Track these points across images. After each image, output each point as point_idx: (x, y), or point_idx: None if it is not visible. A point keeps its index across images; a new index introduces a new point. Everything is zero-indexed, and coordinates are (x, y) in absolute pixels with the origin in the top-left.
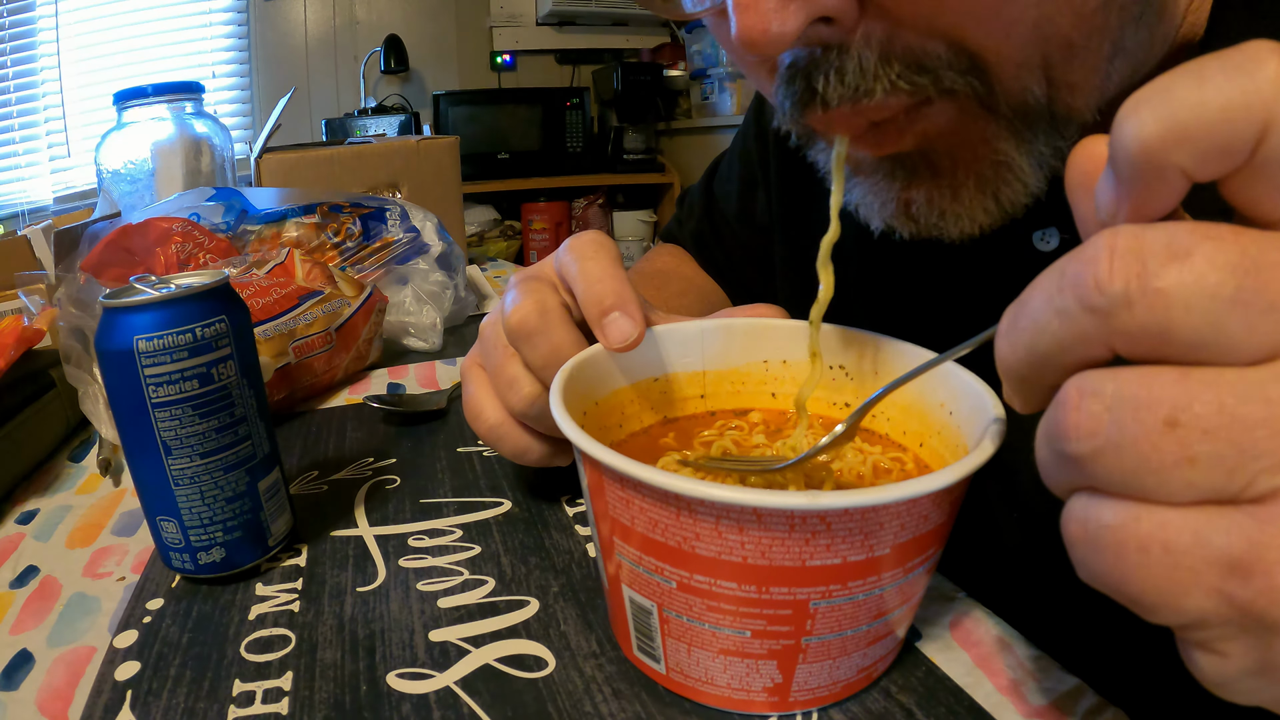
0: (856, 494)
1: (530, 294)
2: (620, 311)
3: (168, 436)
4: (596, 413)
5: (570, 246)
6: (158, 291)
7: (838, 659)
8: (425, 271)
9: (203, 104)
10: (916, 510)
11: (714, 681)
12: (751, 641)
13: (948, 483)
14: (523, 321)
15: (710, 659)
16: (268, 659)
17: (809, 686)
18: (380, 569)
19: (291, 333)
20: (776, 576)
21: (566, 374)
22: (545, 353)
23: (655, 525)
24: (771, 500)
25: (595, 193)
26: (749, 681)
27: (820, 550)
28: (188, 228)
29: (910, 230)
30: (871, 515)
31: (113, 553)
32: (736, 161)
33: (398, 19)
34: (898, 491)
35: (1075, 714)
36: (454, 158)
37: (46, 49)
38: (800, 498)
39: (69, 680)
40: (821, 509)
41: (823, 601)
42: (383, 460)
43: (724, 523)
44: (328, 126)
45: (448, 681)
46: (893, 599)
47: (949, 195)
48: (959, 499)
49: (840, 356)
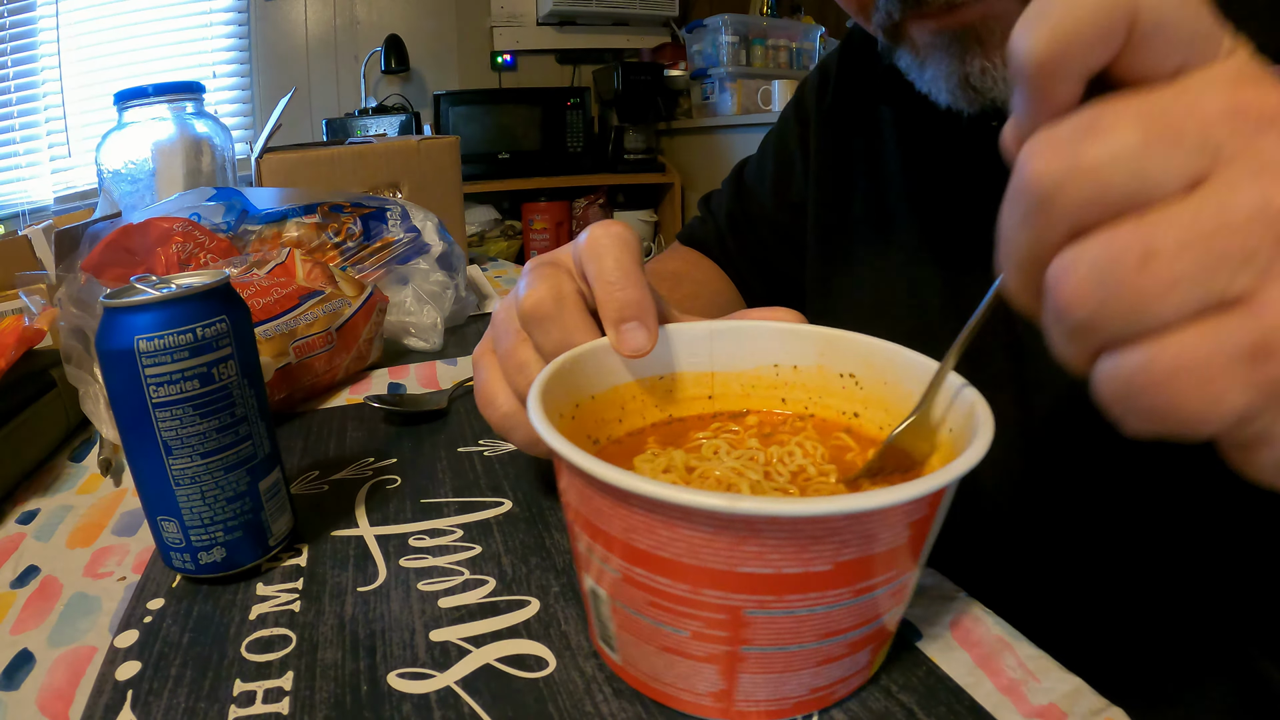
0: (780, 502)
1: (546, 279)
2: (638, 321)
3: (168, 436)
4: (593, 406)
5: (591, 239)
6: (158, 291)
7: (783, 674)
8: (426, 271)
9: (203, 104)
10: (858, 528)
11: (660, 678)
12: (690, 642)
13: (885, 504)
14: (537, 305)
15: (655, 655)
16: (268, 659)
17: (755, 698)
18: (381, 569)
19: (292, 333)
20: (707, 579)
21: (559, 365)
22: (558, 339)
23: (599, 514)
24: (691, 498)
25: (596, 192)
26: (693, 683)
27: (750, 557)
28: (188, 228)
29: (972, 102)
30: (803, 526)
31: (113, 552)
32: (770, 153)
33: (398, 19)
34: (827, 505)
35: (1076, 714)
36: (454, 157)
37: (47, 49)
38: (718, 499)
39: (70, 680)
40: (741, 513)
41: (759, 612)
42: (383, 460)
43: (655, 516)
44: (328, 126)
45: (448, 681)
46: (844, 620)
47: (998, 62)
48: (925, 522)
49: (850, 365)
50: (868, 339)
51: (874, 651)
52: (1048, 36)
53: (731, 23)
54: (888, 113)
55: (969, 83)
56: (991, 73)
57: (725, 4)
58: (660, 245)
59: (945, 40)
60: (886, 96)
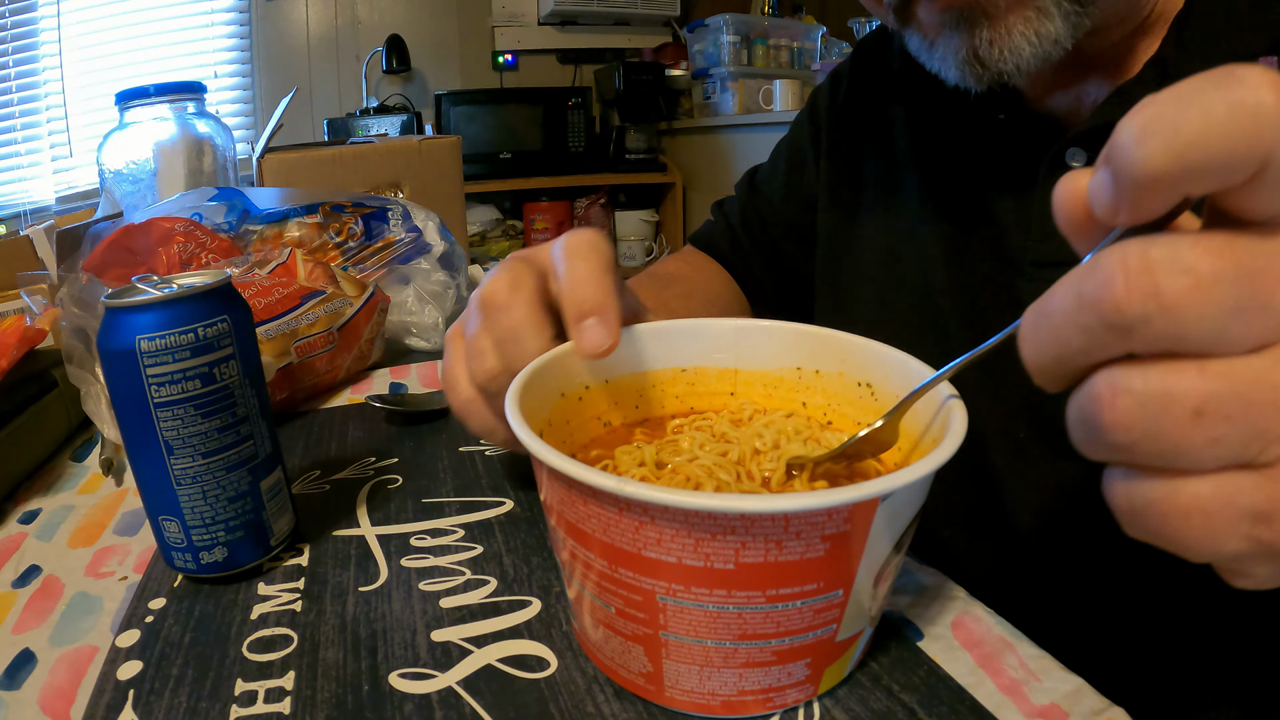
0: (663, 491)
1: (509, 270)
2: (598, 318)
3: (170, 436)
4: (607, 389)
5: (564, 242)
6: (160, 291)
7: (705, 668)
8: (427, 271)
9: (205, 104)
10: (756, 529)
11: (601, 650)
12: (618, 619)
13: (763, 509)
14: (493, 293)
15: (593, 626)
16: (270, 658)
17: (682, 687)
18: (382, 569)
19: (294, 332)
20: (622, 559)
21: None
22: (506, 327)
23: (542, 485)
24: (587, 475)
25: (597, 192)
26: (627, 661)
27: (651, 543)
28: (190, 228)
29: (980, 77)
30: (692, 519)
31: (115, 552)
32: (783, 154)
33: (399, 19)
34: (714, 502)
35: (1077, 714)
36: (456, 157)
37: (49, 49)
38: (609, 479)
39: (71, 680)
40: (628, 495)
41: (669, 599)
42: (385, 460)
43: (574, 491)
44: (330, 126)
45: (450, 681)
46: (762, 625)
47: (1004, 34)
48: (845, 539)
49: (868, 374)
50: (890, 350)
51: (815, 666)
52: (1169, 153)
53: (733, 22)
54: (899, 109)
55: (977, 56)
56: (999, 44)
57: (726, 3)
58: (661, 245)
59: (953, 18)
60: (897, 96)
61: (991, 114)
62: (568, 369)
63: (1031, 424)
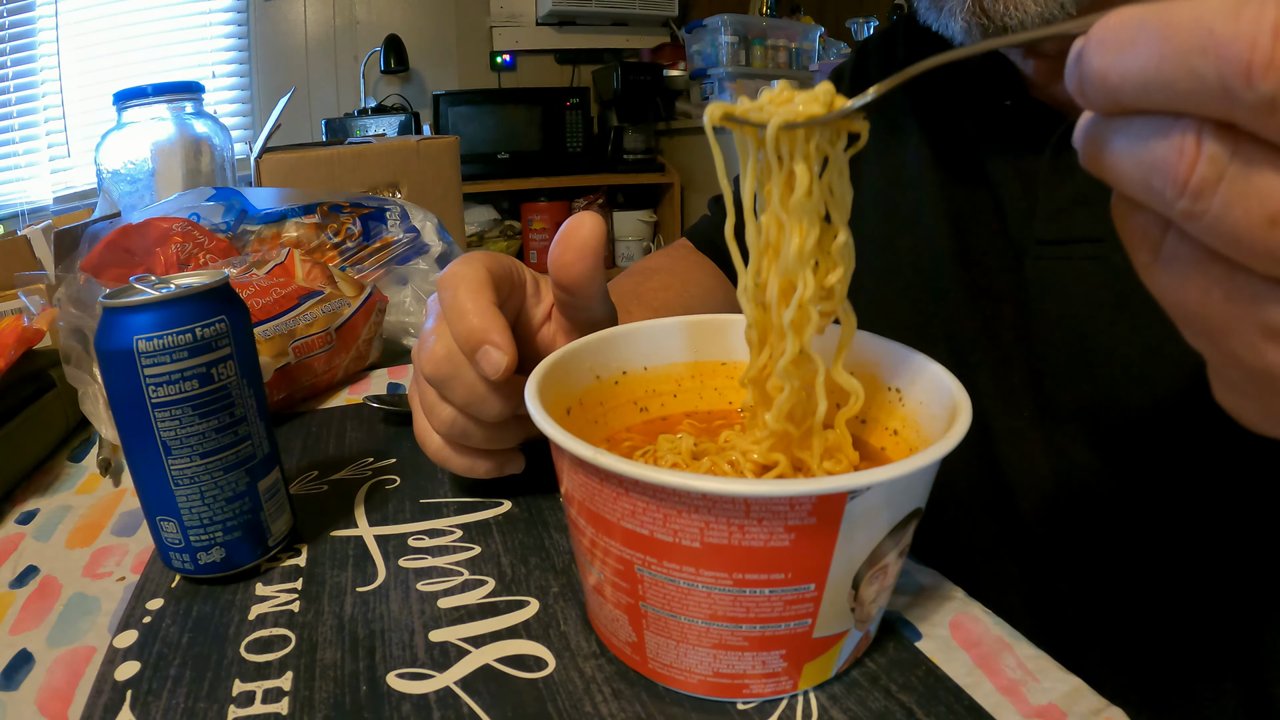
0: (630, 464)
1: (439, 336)
2: (488, 344)
3: (168, 436)
4: (643, 379)
5: (441, 281)
6: (157, 291)
7: (680, 644)
8: (425, 272)
9: (203, 104)
10: (717, 510)
11: (596, 616)
12: (606, 586)
13: (718, 490)
14: (436, 370)
15: (590, 590)
16: (268, 659)
17: (662, 660)
18: (380, 569)
19: (291, 333)
20: (603, 526)
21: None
22: (464, 394)
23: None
24: (570, 444)
25: (595, 193)
26: (615, 630)
27: (627, 514)
28: (188, 228)
29: (984, 28)
30: (658, 494)
31: (113, 553)
32: None
33: (398, 19)
34: (675, 479)
35: (1075, 714)
36: (454, 158)
37: (46, 49)
38: (584, 447)
39: (69, 680)
40: (602, 465)
41: (645, 571)
42: (383, 460)
43: (561, 457)
44: (328, 126)
45: (448, 682)
46: (731, 608)
47: None
48: (812, 531)
49: (897, 379)
50: (911, 352)
51: (791, 659)
52: None
53: (731, 23)
54: (904, 102)
55: (982, 7)
56: None
57: (725, 4)
58: (659, 245)
59: None
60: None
61: (997, 101)
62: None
63: (1037, 405)
